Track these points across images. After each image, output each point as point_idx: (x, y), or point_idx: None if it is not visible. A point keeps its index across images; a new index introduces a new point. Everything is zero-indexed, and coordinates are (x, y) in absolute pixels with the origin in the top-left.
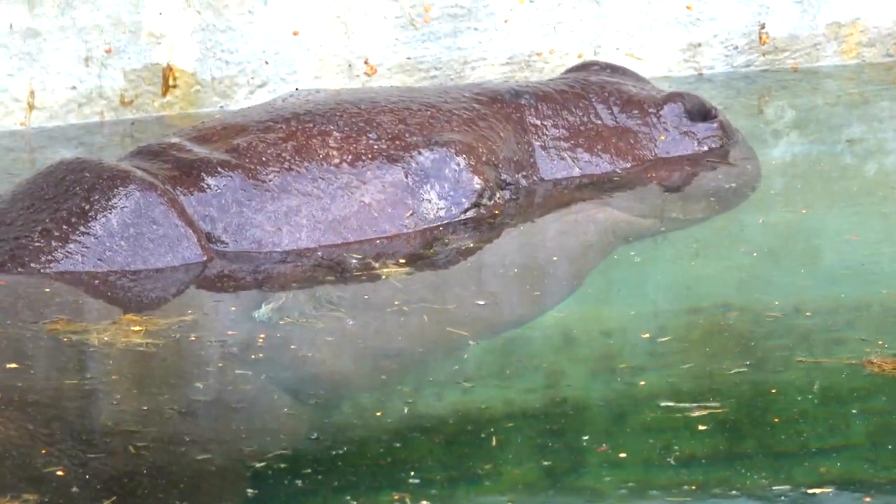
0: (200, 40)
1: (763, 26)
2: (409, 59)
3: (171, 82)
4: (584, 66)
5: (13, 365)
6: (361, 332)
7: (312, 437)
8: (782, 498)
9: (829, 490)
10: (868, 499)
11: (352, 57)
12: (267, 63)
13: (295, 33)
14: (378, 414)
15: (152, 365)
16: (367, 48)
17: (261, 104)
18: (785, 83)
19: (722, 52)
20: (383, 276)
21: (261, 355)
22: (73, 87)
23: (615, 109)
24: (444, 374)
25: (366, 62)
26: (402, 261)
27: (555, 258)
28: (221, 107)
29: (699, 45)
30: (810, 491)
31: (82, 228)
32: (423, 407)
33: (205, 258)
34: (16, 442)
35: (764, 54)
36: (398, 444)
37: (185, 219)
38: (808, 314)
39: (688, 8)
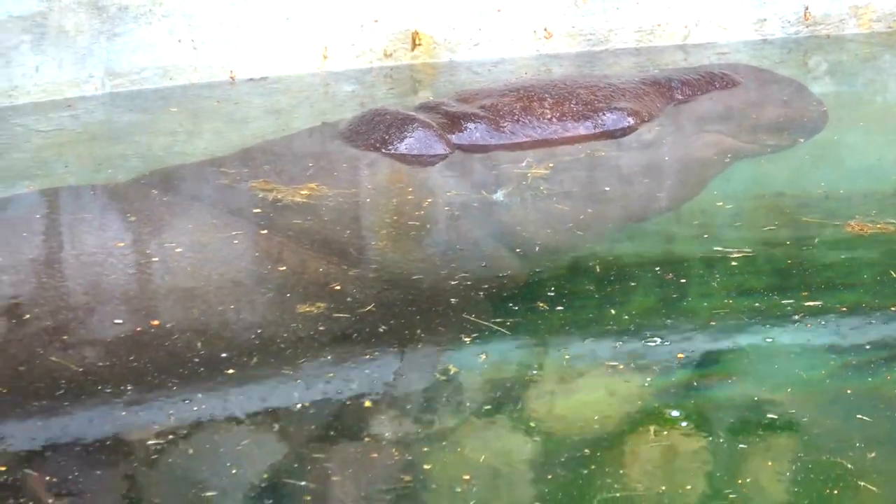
0: (435, 14)
1: (807, 7)
2: (573, 27)
3: (416, 42)
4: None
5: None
6: (560, 211)
7: (527, 270)
8: (789, 308)
9: (818, 303)
10: (844, 308)
11: (535, 26)
12: (480, 30)
13: (499, 10)
14: (556, 259)
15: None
16: (546, 20)
17: (502, 81)
18: (820, 46)
19: (779, 25)
20: (563, 175)
21: (489, 219)
22: (353, 44)
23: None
24: (605, 237)
25: (544, 30)
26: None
27: (687, 167)
28: (450, 59)
29: (765, 19)
30: (808, 303)
31: (384, 151)
32: (582, 259)
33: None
34: (305, 265)
35: (807, 26)
36: (566, 280)
37: (451, 147)
38: (828, 197)
39: None
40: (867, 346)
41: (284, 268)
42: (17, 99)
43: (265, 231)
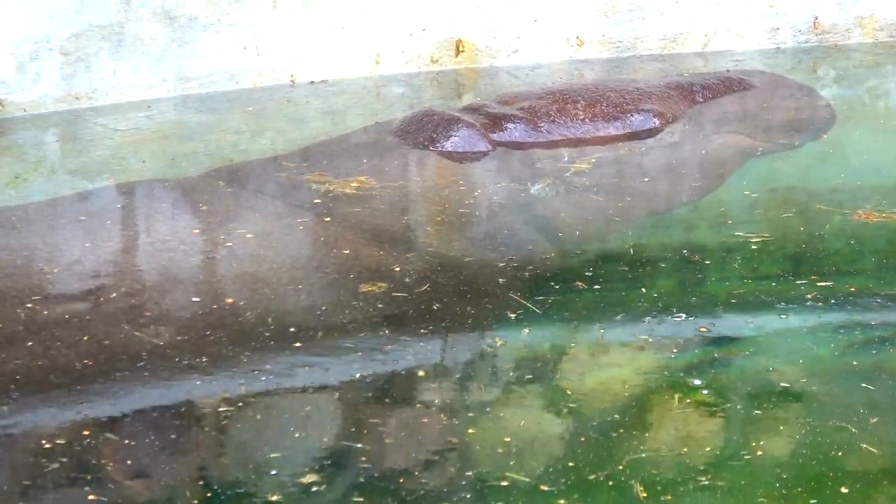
0: (477, 23)
1: (816, 17)
2: (603, 35)
3: (460, 49)
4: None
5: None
6: (596, 202)
7: (567, 254)
8: (802, 289)
9: (829, 283)
10: (852, 289)
11: (569, 34)
12: (518, 38)
13: (535, 20)
14: (593, 244)
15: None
16: (578, 28)
17: (539, 85)
18: (828, 54)
19: (791, 34)
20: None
21: (528, 210)
22: (402, 51)
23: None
24: (635, 226)
25: (577, 37)
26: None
27: (708, 163)
28: (491, 64)
29: (777, 28)
30: (819, 284)
31: (431, 148)
32: (613, 245)
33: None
34: (365, 250)
35: (816, 35)
36: (599, 264)
37: (493, 145)
38: (836, 190)
39: (770, 6)
40: (872, 324)
41: (347, 251)
42: (97, 101)
43: (327, 219)
